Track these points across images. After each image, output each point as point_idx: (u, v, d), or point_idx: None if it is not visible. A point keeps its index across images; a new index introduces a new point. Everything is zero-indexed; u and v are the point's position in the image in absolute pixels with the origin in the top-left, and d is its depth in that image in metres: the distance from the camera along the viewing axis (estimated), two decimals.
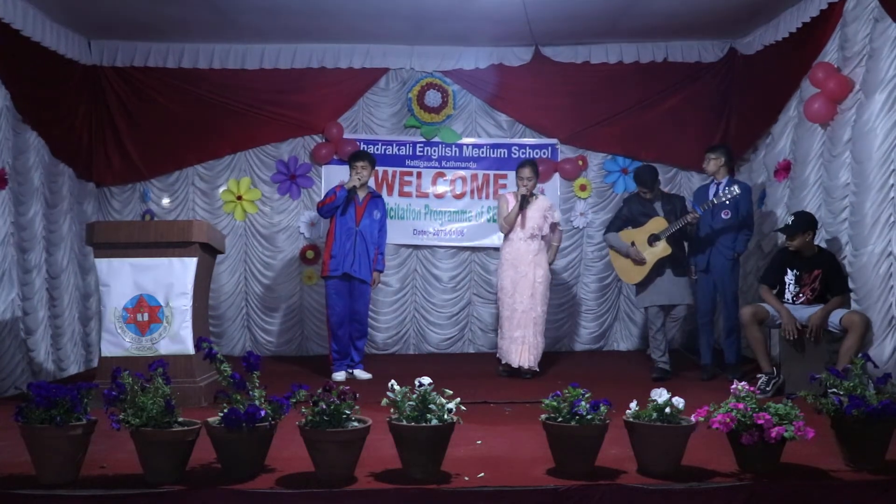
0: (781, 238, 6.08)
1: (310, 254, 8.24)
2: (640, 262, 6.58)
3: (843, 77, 5.90)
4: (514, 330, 6.62)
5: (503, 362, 6.77)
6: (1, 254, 6.24)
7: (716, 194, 6.51)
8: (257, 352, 7.97)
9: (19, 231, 6.52)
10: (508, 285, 6.68)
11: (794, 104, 6.76)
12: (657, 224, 6.56)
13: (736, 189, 6.35)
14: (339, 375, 6.70)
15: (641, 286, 6.71)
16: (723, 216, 6.60)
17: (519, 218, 6.67)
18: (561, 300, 8.42)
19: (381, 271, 7.01)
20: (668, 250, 6.51)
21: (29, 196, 6.68)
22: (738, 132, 7.85)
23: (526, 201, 6.64)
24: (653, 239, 6.55)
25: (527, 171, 6.65)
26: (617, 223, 6.82)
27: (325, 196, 6.81)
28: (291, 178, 8.25)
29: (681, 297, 6.67)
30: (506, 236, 6.80)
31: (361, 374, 6.81)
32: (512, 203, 6.74)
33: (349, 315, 6.78)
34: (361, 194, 6.79)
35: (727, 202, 6.45)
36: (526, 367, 6.61)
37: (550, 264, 6.93)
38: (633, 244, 6.63)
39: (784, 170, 6.84)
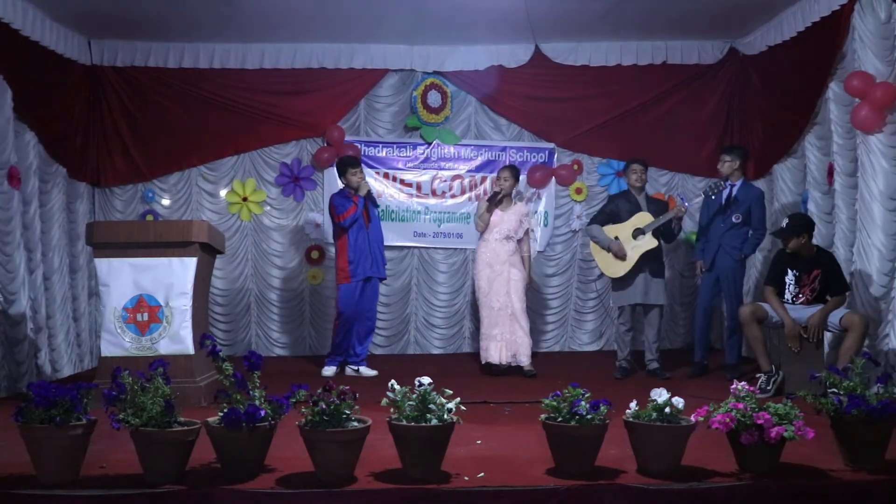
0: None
1: (315, 254, 8.27)
2: (621, 257, 6.58)
3: (886, 84, 5.67)
4: (493, 328, 6.76)
5: (483, 362, 6.87)
6: (19, 255, 6.35)
7: (712, 190, 6.57)
8: (264, 352, 7.99)
9: (25, 231, 6.57)
10: (485, 285, 6.81)
11: (829, 106, 6.44)
12: (642, 218, 6.59)
13: (722, 183, 6.52)
14: (329, 371, 6.88)
15: (619, 284, 6.73)
16: (733, 219, 6.62)
17: (493, 217, 6.80)
18: (559, 301, 8.45)
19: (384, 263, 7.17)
20: (654, 243, 6.55)
21: (30, 196, 6.69)
22: (767, 136, 7.54)
23: (496, 196, 6.80)
24: (637, 233, 6.57)
25: (505, 173, 6.89)
26: (601, 217, 6.83)
27: (342, 209, 6.74)
28: (295, 181, 8.26)
29: (656, 298, 6.70)
30: (481, 237, 6.92)
31: (367, 371, 6.88)
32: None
33: (360, 314, 6.88)
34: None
35: (713, 196, 6.55)
36: (505, 363, 6.72)
37: (529, 284, 6.98)
38: (616, 238, 6.65)
39: (830, 174, 6.52)
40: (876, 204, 5.79)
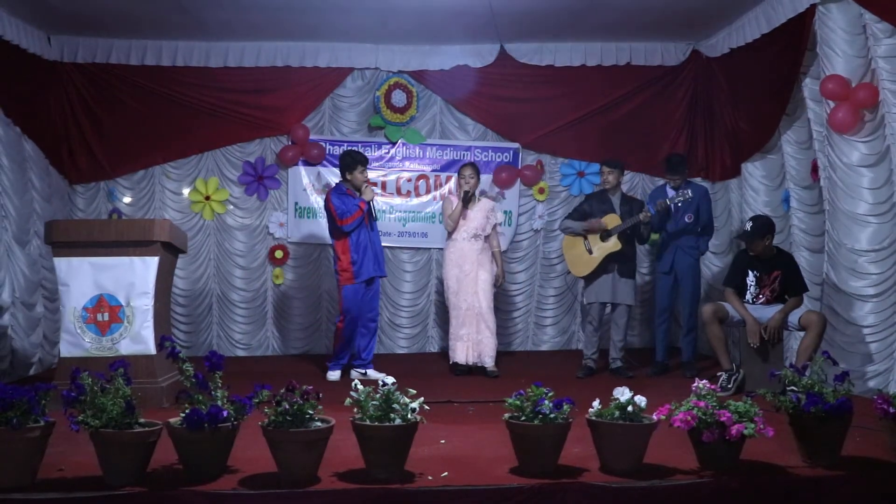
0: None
1: (278, 254, 8.21)
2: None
3: (868, 85, 5.63)
4: (460, 328, 6.77)
5: (451, 361, 6.88)
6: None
7: (671, 196, 6.63)
8: (226, 353, 7.90)
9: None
10: (454, 284, 6.82)
11: (806, 103, 6.38)
12: (610, 220, 6.66)
13: (689, 192, 6.57)
14: (334, 375, 6.65)
15: (588, 281, 6.80)
16: (685, 220, 6.75)
17: (461, 218, 6.79)
18: (522, 299, 8.49)
19: None
20: (618, 246, 6.62)
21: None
22: (735, 136, 7.50)
23: (468, 197, 6.78)
24: (605, 235, 6.65)
25: (468, 171, 6.87)
26: (574, 216, 6.90)
27: (345, 213, 6.50)
28: (259, 180, 8.19)
29: (623, 297, 6.75)
30: (450, 236, 6.92)
31: (374, 373, 6.53)
32: (456, 203, 6.87)
33: (363, 314, 6.69)
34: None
35: (680, 203, 6.59)
36: (471, 363, 6.74)
37: (499, 283, 6.97)
38: (585, 238, 6.72)
39: (814, 170, 6.43)
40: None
